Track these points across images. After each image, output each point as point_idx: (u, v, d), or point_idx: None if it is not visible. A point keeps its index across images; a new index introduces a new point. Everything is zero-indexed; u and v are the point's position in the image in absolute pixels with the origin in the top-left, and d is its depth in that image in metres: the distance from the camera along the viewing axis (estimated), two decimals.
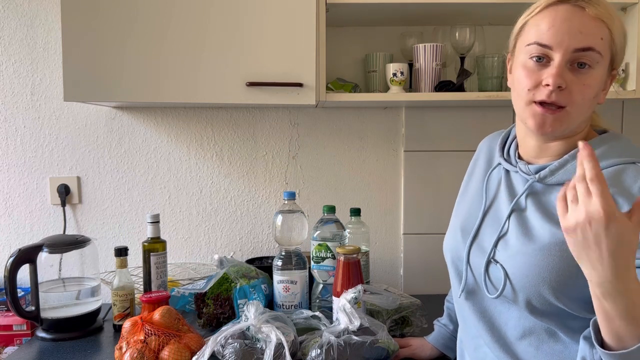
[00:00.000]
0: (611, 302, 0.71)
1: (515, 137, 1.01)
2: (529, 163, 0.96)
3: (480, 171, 1.08)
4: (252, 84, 1.35)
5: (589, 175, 0.69)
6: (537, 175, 0.92)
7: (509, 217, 0.94)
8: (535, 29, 0.88)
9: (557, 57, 0.84)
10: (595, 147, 0.88)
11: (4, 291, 1.37)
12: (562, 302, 0.87)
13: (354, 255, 1.28)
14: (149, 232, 1.48)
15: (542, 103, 0.86)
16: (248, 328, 1.19)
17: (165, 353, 1.15)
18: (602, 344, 0.76)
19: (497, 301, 0.96)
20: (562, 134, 0.90)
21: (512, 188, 0.98)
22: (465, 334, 1.06)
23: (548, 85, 0.84)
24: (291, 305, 1.39)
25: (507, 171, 1.00)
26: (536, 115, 0.87)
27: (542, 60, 0.86)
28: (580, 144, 0.71)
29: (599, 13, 0.83)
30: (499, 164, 1.02)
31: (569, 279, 0.85)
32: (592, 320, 0.78)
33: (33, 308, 1.38)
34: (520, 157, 0.98)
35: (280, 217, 1.43)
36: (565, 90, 0.84)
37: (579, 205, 0.70)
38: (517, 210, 0.94)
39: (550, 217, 0.89)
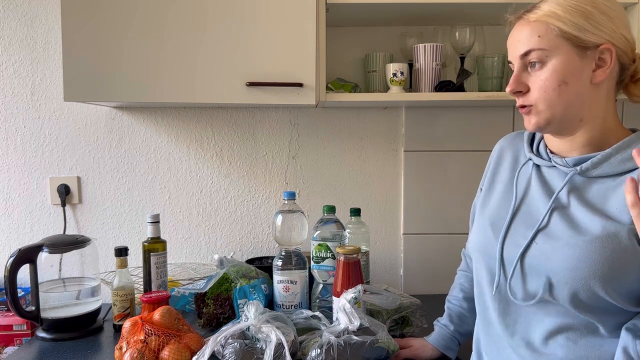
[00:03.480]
0: None
1: (542, 134, 1.03)
2: (562, 157, 0.97)
3: (506, 169, 1.07)
4: (252, 84, 1.35)
5: None
6: (578, 168, 0.92)
7: (549, 210, 0.93)
8: None
9: (514, 68, 0.97)
10: (636, 143, 0.91)
11: (4, 291, 1.37)
12: (610, 296, 0.85)
13: (354, 255, 1.28)
14: (149, 232, 1.48)
15: (521, 107, 0.97)
16: (248, 328, 1.19)
17: (165, 353, 1.15)
18: None
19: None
20: (550, 126, 0.94)
21: (547, 183, 0.98)
22: (486, 335, 1.04)
23: None
24: (291, 305, 1.39)
25: (538, 167, 1.01)
26: (522, 117, 0.98)
27: None
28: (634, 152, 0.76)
29: (537, 16, 0.92)
30: (529, 159, 1.02)
31: (620, 271, 0.85)
32: None
33: (33, 308, 1.38)
34: (552, 152, 0.99)
35: (280, 217, 1.43)
36: (529, 91, 0.94)
37: None
38: (558, 204, 0.94)
39: (598, 210, 0.89)
